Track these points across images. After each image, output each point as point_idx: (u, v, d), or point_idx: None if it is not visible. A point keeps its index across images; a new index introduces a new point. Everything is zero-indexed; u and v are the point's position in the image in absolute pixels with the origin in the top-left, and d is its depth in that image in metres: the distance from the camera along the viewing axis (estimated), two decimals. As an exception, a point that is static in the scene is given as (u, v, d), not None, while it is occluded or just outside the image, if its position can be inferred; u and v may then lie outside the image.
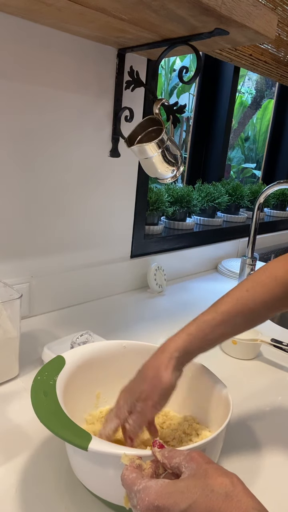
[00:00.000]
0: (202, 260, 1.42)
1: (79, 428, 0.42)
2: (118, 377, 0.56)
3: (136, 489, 0.35)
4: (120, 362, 0.60)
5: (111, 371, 0.59)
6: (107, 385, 0.59)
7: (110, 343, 0.62)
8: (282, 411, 0.69)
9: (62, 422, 0.43)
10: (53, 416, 0.44)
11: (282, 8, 1.27)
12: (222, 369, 0.80)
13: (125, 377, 0.53)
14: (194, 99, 1.62)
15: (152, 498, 0.34)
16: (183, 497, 0.33)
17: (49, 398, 0.46)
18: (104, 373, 0.59)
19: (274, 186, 1.19)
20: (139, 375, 0.51)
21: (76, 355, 0.56)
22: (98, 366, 0.59)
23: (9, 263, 0.88)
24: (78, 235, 1.00)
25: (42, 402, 0.46)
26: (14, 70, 0.78)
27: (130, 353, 0.61)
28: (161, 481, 0.35)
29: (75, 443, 0.40)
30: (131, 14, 0.66)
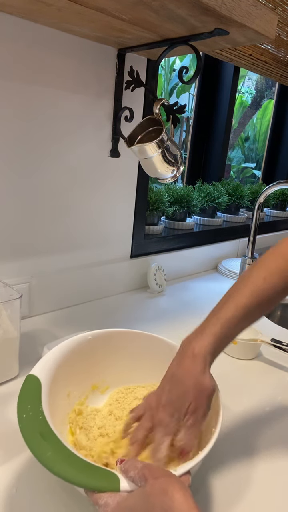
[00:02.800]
0: (202, 260, 1.42)
1: (101, 470, 0.40)
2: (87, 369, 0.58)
3: (100, 503, 0.37)
4: (89, 354, 0.60)
5: (80, 366, 0.58)
6: (76, 382, 0.58)
7: (75, 339, 0.59)
8: (282, 411, 0.69)
9: (78, 467, 0.39)
10: (67, 464, 0.39)
11: (282, 8, 1.27)
12: (222, 369, 0.80)
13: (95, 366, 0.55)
14: (194, 99, 1.62)
15: None
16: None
17: (50, 440, 0.41)
18: (73, 370, 0.57)
19: (274, 186, 1.19)
20: (176, 386, 0.48)
21: (46, 367, 0.52)
22: (68, 365, 0.56)
23: (9, 263, 0.88)
24: (78, 235, 1.00)
25: (45, 449, 0.40)
26: (14, 70, 0.78)
27: (97, 341, 0.61)
28: (118, 496, 0.37)
29: (104, 489, 0.38)
30: (131, 14, 0.66)
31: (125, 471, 0.39)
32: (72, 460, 0.39)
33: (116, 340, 0.63)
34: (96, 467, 0.39)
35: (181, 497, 0.35)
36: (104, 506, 0.37)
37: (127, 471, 0.39)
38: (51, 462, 0.38)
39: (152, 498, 0.35)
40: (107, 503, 0.37)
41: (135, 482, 0.38)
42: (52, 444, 0.41)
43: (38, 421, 0.43)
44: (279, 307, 1.26)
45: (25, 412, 0.44)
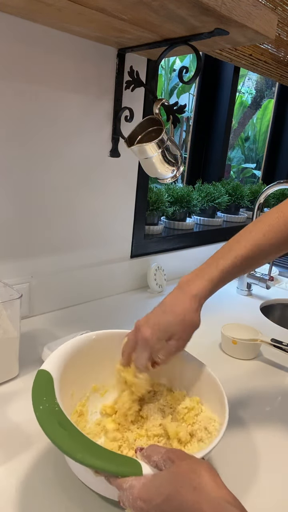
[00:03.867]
0: (202, 260, 1.40)
1: (121, 456, 0.41)
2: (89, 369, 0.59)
3: (124, 487, 0.38)
4: (92, 354, 0.60)
5: (84, 366, 0.58)
6: (79, 382, 0.58)
7: (81, 338, 0.60)
8: (282, 411, 0.69)
9: (100, 454, 0.40)
10: (88, 451, 0.40)
11: (282, 8, 1.27)
12: (222, 369, 0.80)
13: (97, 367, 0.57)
14: (194, 99, 1.62)
15: (135, 495, 0.37)
16: (157, 492, 0.36)
17: (69, 430, 0.42)
18: (78, 369, 0.57)
19: (274, 186, 1.19)
20: (167, 314, 0.54)
21: (56, 364, 0.52)
22: (74, 364, 0.56)
23: (9, 263, 0.88)
24: (78, 235, 1.00)
25: (65, 437, 0.41)
26: (14, 70, 0.78)
27: (101, 341, 0.62)
28: (144, 478, 0.38)
29: (127, 473, 0.39)
30: (131, 14, 0.66)
31: (147, 457, 0.40)
32: (92, 448, 0.40)
33: (119, 341, 0.63)
34: (117, 454, 0.41)
35: (209, 476, 0.36)
36: (129, 488, 0.38)
37: (149, 456, 0.40)
38: (72, 449, 0.39)
39: (180, 476, 0.36)
40: (133, 485, 0.38)
41: (158, 466, 0.39)
42: (71, 432, 0.41)
43: (55, 412, 0.44)
44: (279, 307, 1.26)
45: (41, 404, 0.45)
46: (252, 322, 0.92)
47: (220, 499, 0.34)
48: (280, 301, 1.24)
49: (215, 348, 0.88)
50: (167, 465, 0.38)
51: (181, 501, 0.34)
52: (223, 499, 0.34)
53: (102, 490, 0.45)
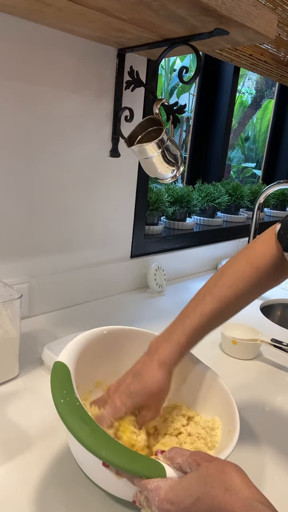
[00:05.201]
0: (202, 260, 1.42)
1: (144, 457, 0.41)
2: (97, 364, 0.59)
3: (149, 488, 0.38)
4: (103, 347, 0.60)
5: (92, 360, 0.58)
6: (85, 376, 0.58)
7: (92, 332, 0.59)
8: (282, 411, 0.69)
9: (123, 453, 0.39)
10: (112, 450, 0.39)
11: (282, 8, 1.27)
12: (222, 369, 0.80)
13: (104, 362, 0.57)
14: (194, 99, 1.62)
15: (162, 496, 0.37)
16: (187, 494, 0.36)
17: (91, 426, 0.41)
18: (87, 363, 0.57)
19: (274, 186, 1.19)
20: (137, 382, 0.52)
21: (71, 356, 0.52)
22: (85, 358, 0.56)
23: (9, 263, 0.88)
24: (78, 235, 1.00)
25: (88, 434, 0.40)
26: (14, 70, 0.78)
27: (111, 337, 0.62)
28: (170, 480, 0.38)
29: (152, 475, 0.39)
30: (131, 14, 0.66)
31: (170, 459, 0.40)
32: (116, 447, 0.40)
33: (130, 338, 0.63)
34: (140, 455, 0.41)
35: (239, 476, 0.36)
36: (155, 489, 0.37)
37: (173, 459, 0.40)
38: (97, 447, 0.39)
39: (209, 478, 0.36)
40: (159, 486, 0.37)
41: (182, 468, 0.39)
42: (93, 429, 0.41)
43: (75, 406, 0.43)
44: (279, 307, 1.26)
45: (62, 397, 0.43)
46: (252, 322, 0.92)
47: (251, 499, 0.34)
48: (280, 301, 1.24)
49: (215, 348, 0.88)
50: (192, 468, 0.38)
51: (212, 502, 0.34)
52: (254, 499, 0.34)
53: (111, 488, 0.45)
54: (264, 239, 0.57)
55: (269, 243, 0.56)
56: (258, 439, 0.61)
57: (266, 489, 0.52)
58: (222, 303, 0.54)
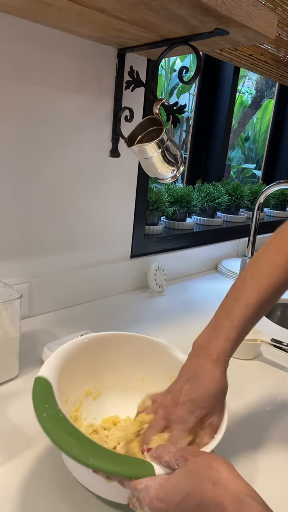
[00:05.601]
0: (202, 260, 1.42)
1: (132, 459, 0.41)
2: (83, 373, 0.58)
3: (139, 488, 0.38)
4: (85, 358, 0.59)
5: (77, 370, 0.57)
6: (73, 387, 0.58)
7: (74, 342, 0.58)
8: (282, 411, 0.69)
9: (111, 458, 0.39)
10: (99, 456, 0.39)
11: (282, 8, 1.27)
12: (222, 369, 0.80)
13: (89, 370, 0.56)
14: (194, 99, 1.62)
15: (152, 495, 0.37)
16: (176, 491, 0.36)
17: (76, 436, 0.41)
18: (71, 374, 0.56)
19: (274, 186, 1.19)
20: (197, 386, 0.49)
21: (52, 370, 0.51)
22: (68, 369, 0.55)
23: (9, 263, 0.88)
24: (78, 235, 1.00)
25: (73, 444, 0.40)
26: (14, 70, 0.78)
27: (94, 344, 0.60)
28: (159, 478, 0.38)
29: (141, 475, 0.38)
30: (131, 14, 0.66)
31: (158, 457, 0.40)
32: (102, 452, 0.40)
33: (112, 343, 0.62)
34: (127, 457, 0.41)
35: (227, 470, 0.36)
36: (145, 489, 0.37)
37: (160, 457, 0.40)
38: (83, 456, 0.39)
39: (197, 473, 0.36)
40: (148, 486, 0.37)
41: (170, 465, 0.39)
42: (78, 439, 0.41)
43: (59, 419, 0.43)
44: (279, 307, 1.26)
45: (44, 411, 0.43)
46: (252, 322, 0.92)
47: (240, 493, 0.34)
48: (280, 301, 1.24)
49: (215, 348, 0.88)
50: (180, 464, 0.38)
51: (202, 497, 0.34)
52: (243, 492, 0.34)
53: (105, 493, 0.45)
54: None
55: None
56: (258, 439, 0.61)
57: (266, 489, 0.52)
58: (263, 295, 0.52)
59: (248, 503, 0.33)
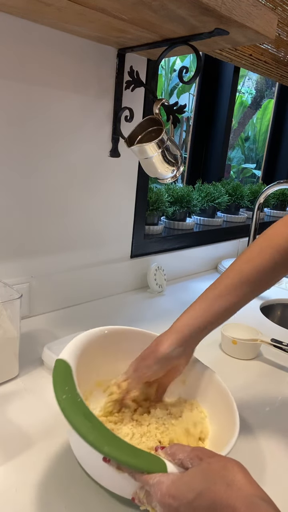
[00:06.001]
0: (202, 260, 1.42)
1: (145, 453, 0.41)
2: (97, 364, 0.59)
3: (151, 483, 0.38)
4: (103, 347, 0.60)
5: (93, 360, 0.58)
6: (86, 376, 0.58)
7: (92, 332, 0.60)
8: (282, 411, 0.69)
9: (125, 449, 0.40)
10: (114, 445, 0.39)
11: (282, 8, 1.27)
12: (222, 369, 0.80)
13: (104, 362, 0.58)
14: (194, 99, 1.62)
15: (164, 491, 0.37)
16: (189, 489, 0.36)
17: (93, 422, 0.41)
18: (88, 362, 0.57)
19: (274, 186, 1.19)
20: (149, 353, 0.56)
21: (73, 354, 0.52)
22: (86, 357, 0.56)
23: (9, 263, 0.88)
24: (78, 235, 1.00)
25: (91, 430, 0.40)
26: (14, 70, 0.78)
27: (112, 337, 0.62)
28: (172, 475, 0.38)
29: (153, 470, 0.39)
30: (131, 14, 0.66)
31: (172, 455, 0.40)
32: (118, 442, 0.40)
33: (128, 338, 0.63)
34: (141, 451, 0.41)
35: (241, 473, 0.36)
36: (157, 484, 0.38)
37: (174, 454, 0.40)
38: (99, 442, 0.39)
39: (212, 473, 0.36)
40: (161, 481, 0.38)
41: (184, 464, 0.39)
42: (95, 425, 0.41)
43: (77, 402, 0.43)
44: (279, 307, 1.26)
45: (64, 393, 0.44)
46: (252, 322, 0.92)
47: (253, 496, 0.34)
48: (280, 301, 1.24)
49: (215, 348, 0.88)
50: (194, 463, 0.38)
51: (214, 498, 0.34)
52: (256, 495, 0.34)
53: (110, 484, 0.45)
54: (284, 222, 0.58)
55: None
56: (258, 439, 0.61)
57: (266, 488, 0.52)
58: (243, 275, 0.55)
59: (260, 505, 0.33)
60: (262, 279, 0.56)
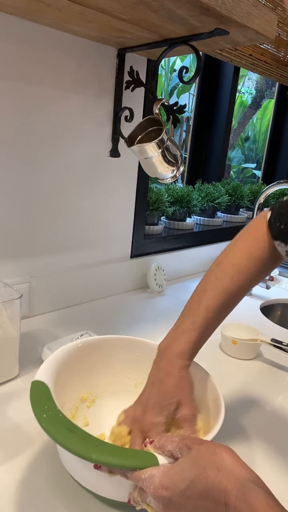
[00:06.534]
0: (202, 260, 1.42)
1: (134, 451, 0.41)
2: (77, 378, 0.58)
3: (143, 478, 0.38)
4: (80, 361, 0.59)
5: (72, 375, 0.57)
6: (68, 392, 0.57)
7: (66, 348, 0.58)
8: (282, 411, 0.69)
9: (114, 452, 0.40)
10: (102, 451, 0.40)
11: (282, 8, 1.27)
12: (222, 369, 0.80)
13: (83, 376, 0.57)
14: (194, 99, 1.62)
15: (156, 484, 0.37)
16: (180, 478, 0.36)
17: (78, 433, 0.41)
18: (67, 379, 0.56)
19: (274, 186, 1.19)
20: (158, 388, 0.51)
21: (48, 373, 0.51)
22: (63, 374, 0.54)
23: (9, 263, 0.88)
24: (78, 235, 1.00)
25: (76, 440, 0.40)
26: (14, 70, 0.78)
27: (87, 348, 0.61)
28: (162, 467, 0.38)
29: (145, 465, 0.39)
30: (131, 14, 0.66)
31: (161, 447, 0.40)
32: (104, 447, 0.40)
33: (105, 347, 0.62)
34: (129, 449, 0.41)
35: (231, 456, 0.36)
36: (149, 478, 0.38)
37: (163, 447, 0.40)
38: (86, 451, 0.39)
39: (201, 460, 0.36)
40: (152, 474, 0.38)
41: (174, 455, 0.39)
42: (79, 435, 0.41)
43: (59, 418, 0.43)
44: (279, 307, 1.26)
45: (44, 412, 0.44)
46: (252, 322, 0.92)
47: (244, 479, 0.34)
48: (280, 301, 1.24)
49: (215, 348, 0.88)
50: (183, 452, 0.39)
51: (206, 484, 0.34)
52: (247, 478, 0.34)
53: (105, 491, 0.45)
54: (255, 228, 0.58)
55: (261, 231, 0.56)
56: (258, 439, 0.61)
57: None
58: (225, 295, 0.54)
59: (251, 488, 0.33)
60: (242, 295, 0.56)
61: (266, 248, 0.55)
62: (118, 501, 0.44)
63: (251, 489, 0.33)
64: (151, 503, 0.39)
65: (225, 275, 0.55)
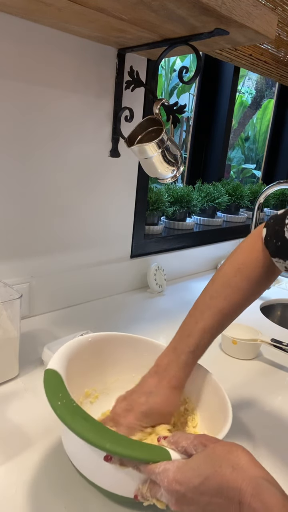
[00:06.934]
0: (202, 260, 1.42)
1: (147, 444, 0.41)
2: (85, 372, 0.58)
3: (157, 471, 0.38)
4: (88, 356, 0.59)
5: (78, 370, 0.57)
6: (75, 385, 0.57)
7: (78, 340, 0.58)
8: (282, 411, 0.69)
9: (128, 444, 0.41)
10: (116, 441, 0.40)
11: (282, 8, 1.27)
12: (222, 369, 0.80)
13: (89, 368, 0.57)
14: (194, 99, 1.62)
15: (170, 478, 0.37)
16: (195, 474, 0.36)
17: (92, 423, 0.42)
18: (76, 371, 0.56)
19: (274, 186, 1.19)
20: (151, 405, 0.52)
21: (60, 363, 0.52)
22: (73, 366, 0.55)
23: (9, 263, 0.88)
24: (78, 235, 1.00)
25: (90, 429, 0.41)
26: (14, 70, 0.78)
27: (96, 344, 0.61)
28: (177, 462, 0.39)
29: (158, 459, 0.39)
30: (131, 14, 0.66)
31: (175, 443, 0.41)
32: (118, 438, 0.41)
33: (113, 343, 0.63)
34: (142, 443, 0.41)
35: (246, 456, 0.37)
36: (163, 471, 0.38)
37: (177, 443, 0.41)
38: (101, 440, 0.39)
39: (217, 458, 0.37)
40: (167, 469, 0.38)
41: (187, 451, 0.40)
42: (94, 425, 0.41)
43: (73, 407, 0.43)
44: (279, 307, 1.26)
45: (59, 400, 0.44)
46: (252, 322, 0.92)
47: (258, 478, 0.34)
48: (280, 301, 1.24)
49: (215, 348, 0.88)
50: (198, 449, 0.39)
51: (220, 481, 0.35)
52: (261, 477, 0.34)
53: (111, 486, 0.45)
54: (251, 246, 0.58)
55: (256, 250, 0.56)
56: (258, 439, 0.61)
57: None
58: (220, 315, 0.55)
59: (267, 487, 0.33)
60: (236, 314, 0.58)
61: (263, 267, 0.56)
62: (123, 496, 0.44)
63: (266, 488, 0.33)
64: (161, 497, 0.39)
65: (220, 295, 0.56)
